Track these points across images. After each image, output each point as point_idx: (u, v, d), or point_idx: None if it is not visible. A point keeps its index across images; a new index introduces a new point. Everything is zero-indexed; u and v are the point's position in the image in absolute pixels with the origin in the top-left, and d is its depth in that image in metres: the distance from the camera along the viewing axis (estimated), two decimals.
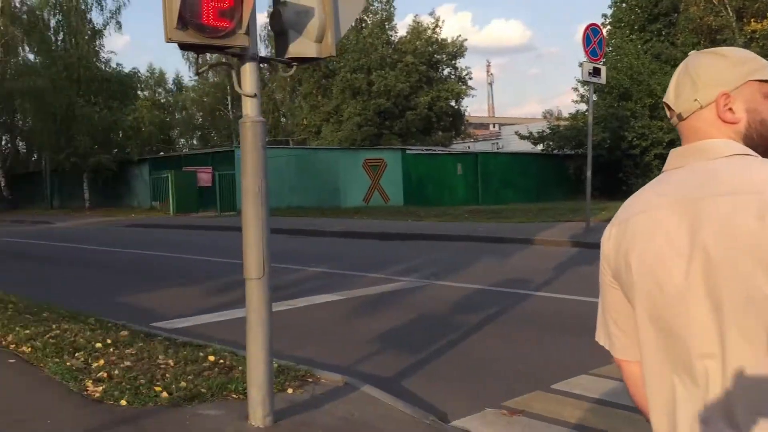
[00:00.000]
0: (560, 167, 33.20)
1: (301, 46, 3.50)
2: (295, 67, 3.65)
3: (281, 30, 3.50)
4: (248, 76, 3.44)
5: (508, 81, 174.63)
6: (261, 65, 3.53)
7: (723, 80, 1.31)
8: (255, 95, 3.45)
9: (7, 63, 41.26)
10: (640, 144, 28.76)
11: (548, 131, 34.04)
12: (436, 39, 39.78)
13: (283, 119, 53.60)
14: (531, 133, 34.74)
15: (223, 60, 3.69)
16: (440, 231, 16.52)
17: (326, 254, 13.57)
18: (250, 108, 3.46)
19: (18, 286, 9.20)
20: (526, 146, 37.98)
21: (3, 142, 45.37)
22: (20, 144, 47.47)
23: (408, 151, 31.88)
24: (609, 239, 1.35)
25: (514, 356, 5.66)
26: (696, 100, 1.32)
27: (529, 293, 8.33)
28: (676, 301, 1.21)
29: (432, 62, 39.54)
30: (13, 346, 5.28)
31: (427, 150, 33.80)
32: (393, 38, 41.11)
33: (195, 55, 3.66)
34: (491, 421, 4.20)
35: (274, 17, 3.52)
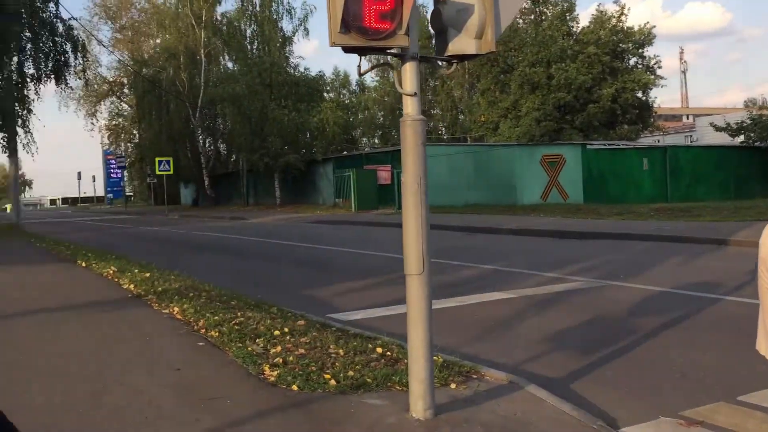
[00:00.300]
0: (762, 161, 30.31)
1: (461, 44, 3.51)
2: (455, 65, 3.66)
3: (441, 28, 3.53)
4: (408, 76, 3.51)
5: (705, 68, 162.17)
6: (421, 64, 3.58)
7: None
8: (415, 94, 3.51)
9: (210, 72, 45.19)
10: None
11: (749, 122, 31.19)
12: (621, 27, 37.85)
13: (461, 116, 53.83)
14: (728, 124, 32.03)
15: (384, 60, 3.78)
16: (622, 229, 15.75)
17: (500, 252, 13.45)
18: (410, 107, 3.53)
19: (212, 275, 10.07)
20: (723, 139, 35.06)
21: (207, 145, 49.76)
22: (221, 146, 51.80)
23: (589, 146, 30.68)
24: (766, 242, 1.23)
25: (696, 364, 5.27)
26: None
27: (719, 297, 7.71)
28: None
29: (616, 52, 37.68)
30: (203, 330, 5.80)
31: (609, 144, 32.32)
32: (574, 29, 39.72)
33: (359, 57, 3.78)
34: (665, 430, 3.95)
35: (435, 16, 3.55)
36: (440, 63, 3.97)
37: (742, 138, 31.80)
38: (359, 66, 3.51)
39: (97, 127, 63.25)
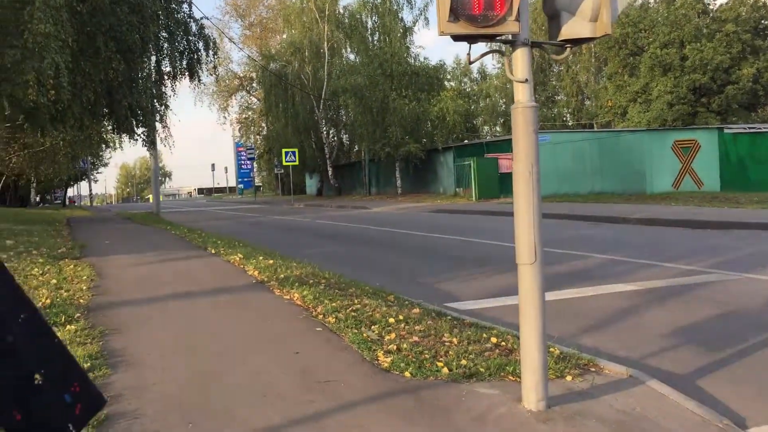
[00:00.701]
0: None
1: (575, 27, 3.41)
2: (568, 50, 3.56)
3: (554, 13, 3.45)
4: (519, 62, 3.45)
5: None
6: (533, 50, 3.51)
7: None
8: (526, 80, 3.45)
9: (333, 64, 46.27)
10: None
11: None
12: (764, 2, 35.21)
13: (587, 101, 52.13)
14: None
15: (496, 48, 3.74)
16: (762, 219, 14.71)
17: (625, 242, 12.94)
18: (521, 93, 3.47)
19: (332, 263, 10.35)
20: None
21: (330, 136, 51.06)
22: (344, 137, 52.99)
23: (726, 131, 28.81)
24: None
25: None
26: None
27: None
28: None
29: (758, 29, 35.14)
30: (321, 316, 5.98)
31: (750, 128, 30.19)
32: (710, 6, 37.37)
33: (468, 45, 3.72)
34: None
35: (548, 1, 3.47)
36: (552, 48, 3.88)
37: None
38: (468, 54, 3.49)
39: (228, 121, 66.58)
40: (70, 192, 77.06)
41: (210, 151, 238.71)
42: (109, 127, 23.62)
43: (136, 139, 22.77)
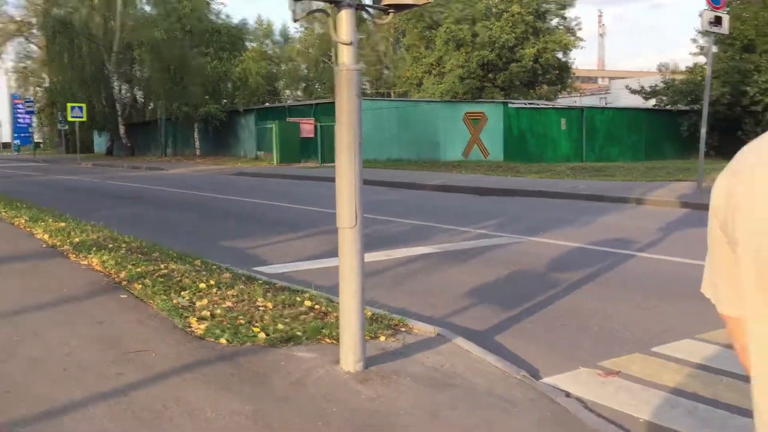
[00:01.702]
0: (673, 124, 31.57)
1: None
2: (391, 15, 3.59)
3: None
4: (344, 24, 3.42)
5: (622, 33, 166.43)
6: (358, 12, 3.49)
7: None
8: (351, 43, 3.43)
9: (126, 15, 43.10)
10: (762, 100, 26.85)
11: (662, 85, 32.34)
12: None
13: (386, 71, 53.58)
14: (642, 87, 33.11)
15: (321, 7, 3.67)
16: (540, 187, 16.16)
17: (423, 207, 13.58)
18: (346, 56, 3.45)
19: (130, 227, 9.75)
20: (636, 101, 36.27)
21: (123, 92, 47.73)
22: (138, 93, 49.80)
23: (510, 105, 31.16)
24: (719, 190, 1.25)
25: (613, 317, 5.50)
26: None
27: (633, 254, 8.04)
28: None
29: (539, 12, 38.15)
30: (125, 283, 5.61)
31: (530, 104, 32.91)
32: None
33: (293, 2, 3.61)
34: (584, 380, 4.12)
35: None
36: (372, 13, 3.89)
37: (654, 101, 32.96)
38: (294, 11, 3.38)
39: (2, 70, 59.63)
40: None
41: None
42: None
43: None
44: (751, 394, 1.23)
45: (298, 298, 5.17)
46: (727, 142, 27.18)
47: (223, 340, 4.18)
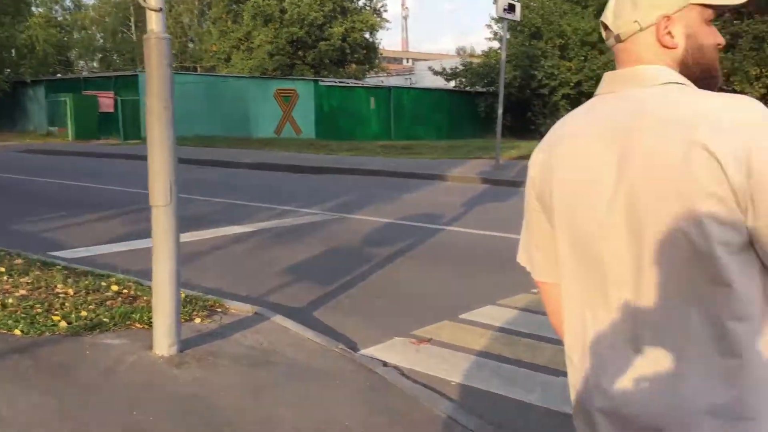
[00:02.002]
0: (471, 104, 33.50)
1: None
2: None
3: None
4: None
5: (423, 16, 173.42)
6: None
7: (664, 2, 1.24)
8: (160, 9, 3.23)
9: None
10: (548, 84, 29.29)
11: (461, 68, 34.14)
12: None
13: (190, 44, 51.47)
14: (444, 69, 34.75)
15: None
16: (352, 165, 16.46)
17: (236, 186, 13.30)
18: (155, 23, 3.24)
19: None
20: (439, 82, 38.06)
21: None
22: None
23: (321, 83, 31.32)
24: (535, 162, 1.33)
25: (424, 288, 5.75)
26: (636, 21, 1.25)
27: (440, 228, 8.45)
28: (597, 232, 1.20)
29: None
30: None
31: (340, 82, 33.30)
32: None
33: None
34: (399, 350, 4.28)
35: None
36: None
37: (454, 83, 34.74)
38: None
39: None
40: None
41: None
42: None
43: None
44: (566, 350, 1.33)
45: (103, 283, 4.85)
46: (519, 122, 29.43)
47: (17, 332, 3.81)
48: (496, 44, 32.56)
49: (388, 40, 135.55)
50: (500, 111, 15.37)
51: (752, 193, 1.07)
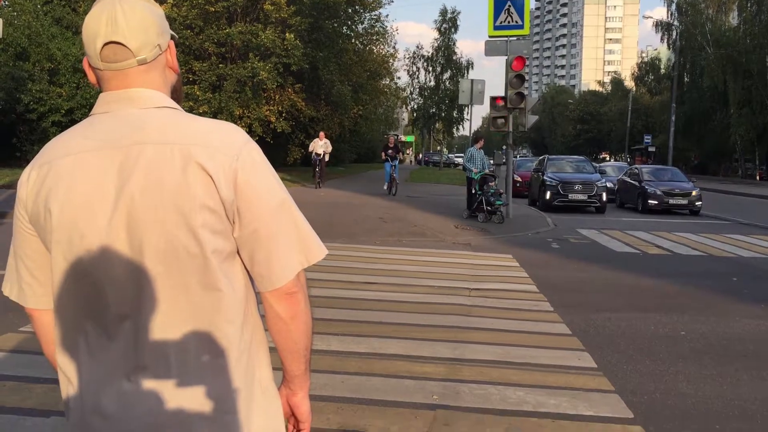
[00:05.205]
0: None
1: None
2: None
3: None
4: None
5: None
6: None
7: (167, 29, 1.30)
8: None
9: None
10: (37, 109, 27.22)
11: None
12: None
13: None
14: None
15: None
16: None
17: None
18: None
19: None
20: None
21: None
22: None
23: None
24: (27, 183, 1.25)
25: None
26: (158, 45, 1.28)
27: None
28: (98, 251, 1.19)
29: None
30: None
31: None
32: None
33: None
34: None
35: None
36: None
37: None
38: None
39: None
40: None
41: None
42: None
43: None
44: (60, 369, 1.28)
45: None
46: (2, 148, 26.65)
47: None
48: None
49: None
50: None
51: (238, 206, 1.21)
